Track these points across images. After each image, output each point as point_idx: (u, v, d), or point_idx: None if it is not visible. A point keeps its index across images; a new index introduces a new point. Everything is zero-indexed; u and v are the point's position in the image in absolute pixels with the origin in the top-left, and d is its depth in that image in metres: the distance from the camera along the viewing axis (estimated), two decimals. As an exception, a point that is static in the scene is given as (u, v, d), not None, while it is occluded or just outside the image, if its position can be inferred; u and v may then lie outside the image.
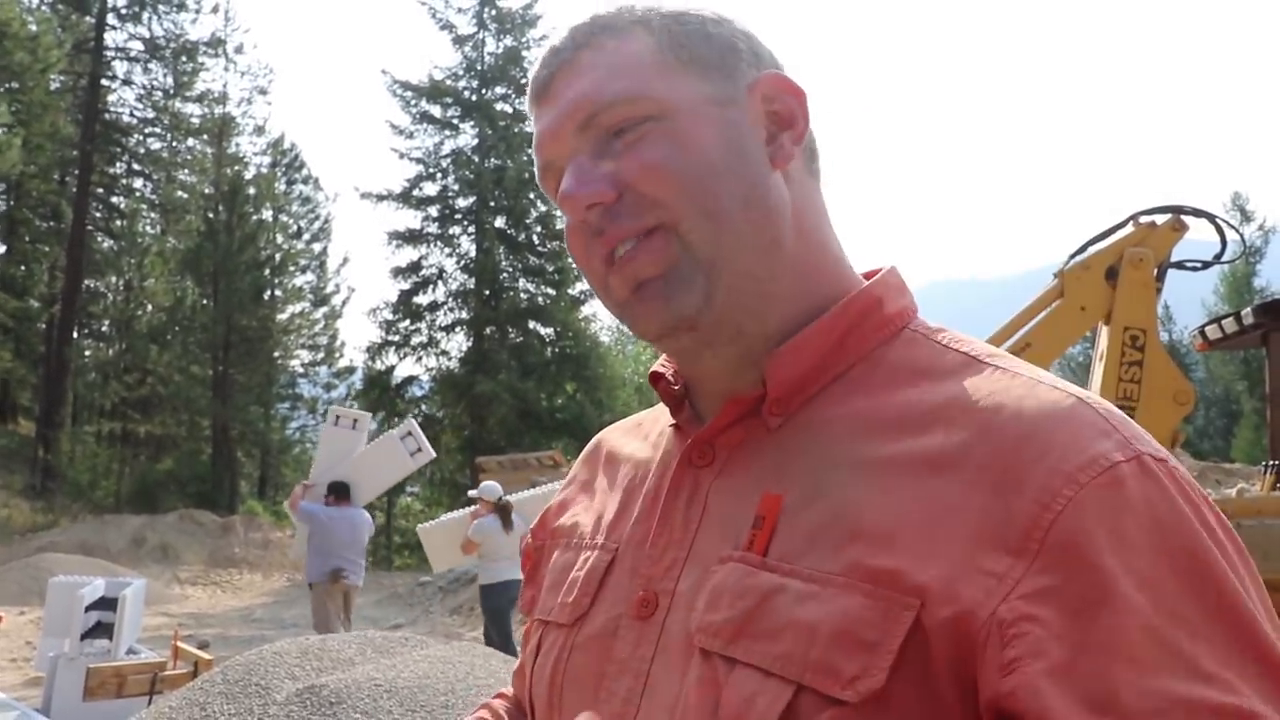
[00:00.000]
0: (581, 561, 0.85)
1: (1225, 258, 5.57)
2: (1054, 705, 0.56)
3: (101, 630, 7.38)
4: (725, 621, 0.68)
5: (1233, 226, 5.54)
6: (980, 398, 0.69)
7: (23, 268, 31.84)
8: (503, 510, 8.64)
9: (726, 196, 0.75)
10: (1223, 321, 6.35)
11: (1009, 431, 0.65)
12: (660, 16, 0.79)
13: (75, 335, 31.29)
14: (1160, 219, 5.61)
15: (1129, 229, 5.65)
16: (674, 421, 0.86)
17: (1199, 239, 5.96)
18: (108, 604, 7.45)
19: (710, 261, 0.75)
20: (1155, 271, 5.53)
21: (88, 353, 34.14)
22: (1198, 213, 5.62)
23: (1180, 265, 5.67)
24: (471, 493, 9.17)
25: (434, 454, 10.06)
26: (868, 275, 0.84)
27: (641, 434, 0.93)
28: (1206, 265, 5.60)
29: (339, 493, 8.77)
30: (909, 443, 0.68)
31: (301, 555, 9.07)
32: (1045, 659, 0.57)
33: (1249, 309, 6.07)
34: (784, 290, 0.78)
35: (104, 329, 35.31)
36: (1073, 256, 5.67)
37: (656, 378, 0.87)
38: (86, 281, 31.68)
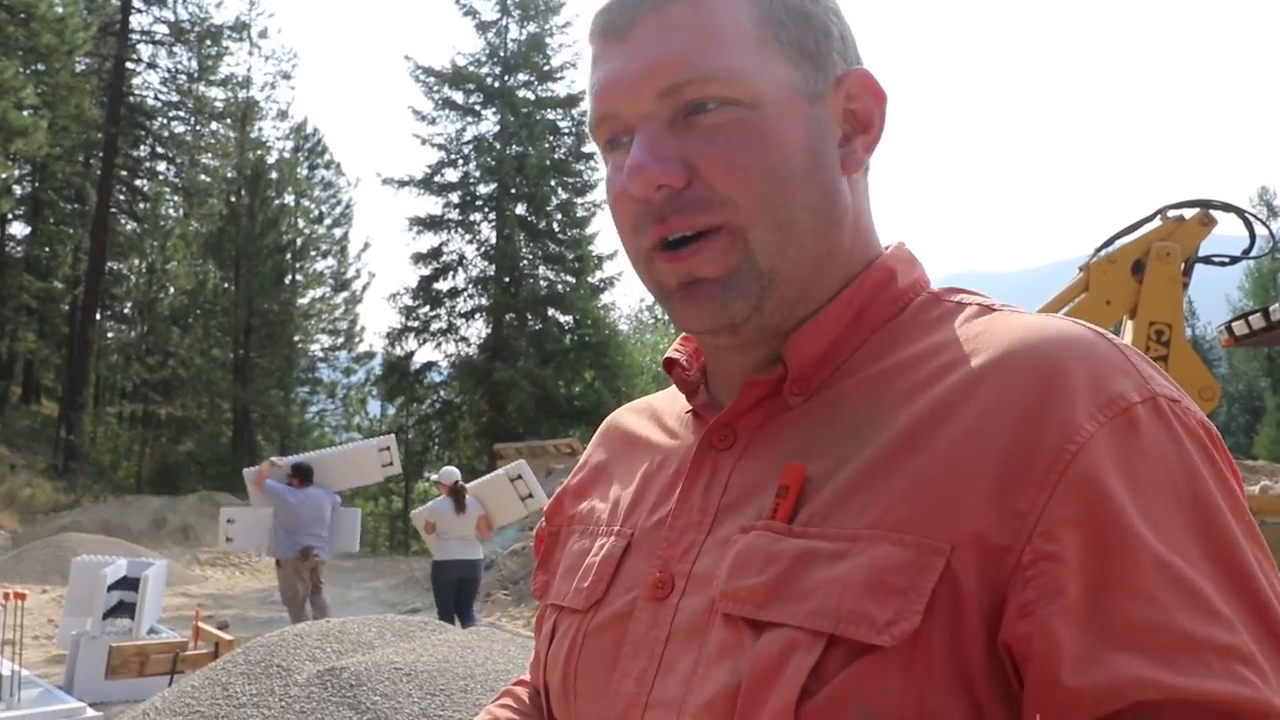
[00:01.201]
0: (597, 548, 0.84)
1: (1254, 253, 5.50)
2: (1068, 644, 0.58)
3: (123, 610, 7.46)
4: (755, 586, 0.67)
5: (1261, 221, 5.47)
6: (996, 335, 0.69)
7: (47, 249, 32.13)
8: (456, 493, 9.02)
9: (799, 207, 0.72)
10: (1250, 317, 6.29)
11: (1030, 364, 0.65)
12: None
13: (98, 317, 31.54)
14: (1188, 213, 5.54)
15: (1156, 223, 5.59)
16: (690, 407, 0.85)
17: (1226, 234, 5.89)
18: (130, 584, 7.52)
19: (771, 272, 0.73)
20: (1182, 266, 5.47)
21: (110, 335, 34.44)
22: (1226, 207, 5.55)
23: (1208, 260, 5.61)
24: (432, 477, 9.54)
25: (400, 470, 10.76)
26: None
27: (656, 417, 0.92)
28: (1235, 260, 5.53)
29: (303, 476, 9.19)
30: (928, 393, 0.68)
31: (251, 544, 9.51)
32: (1060, 599, 0.58)
33: (1277, 305, 6.01)
34: (825, 294, 0.77)
35: (126, 311, 35.60)
36: (1099, 250, 5.62)
37: (671, 363, 0.86)
38: (110, 264, 31.89)
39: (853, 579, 0.63)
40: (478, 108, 31.91)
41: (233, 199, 33.14)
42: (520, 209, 31.28)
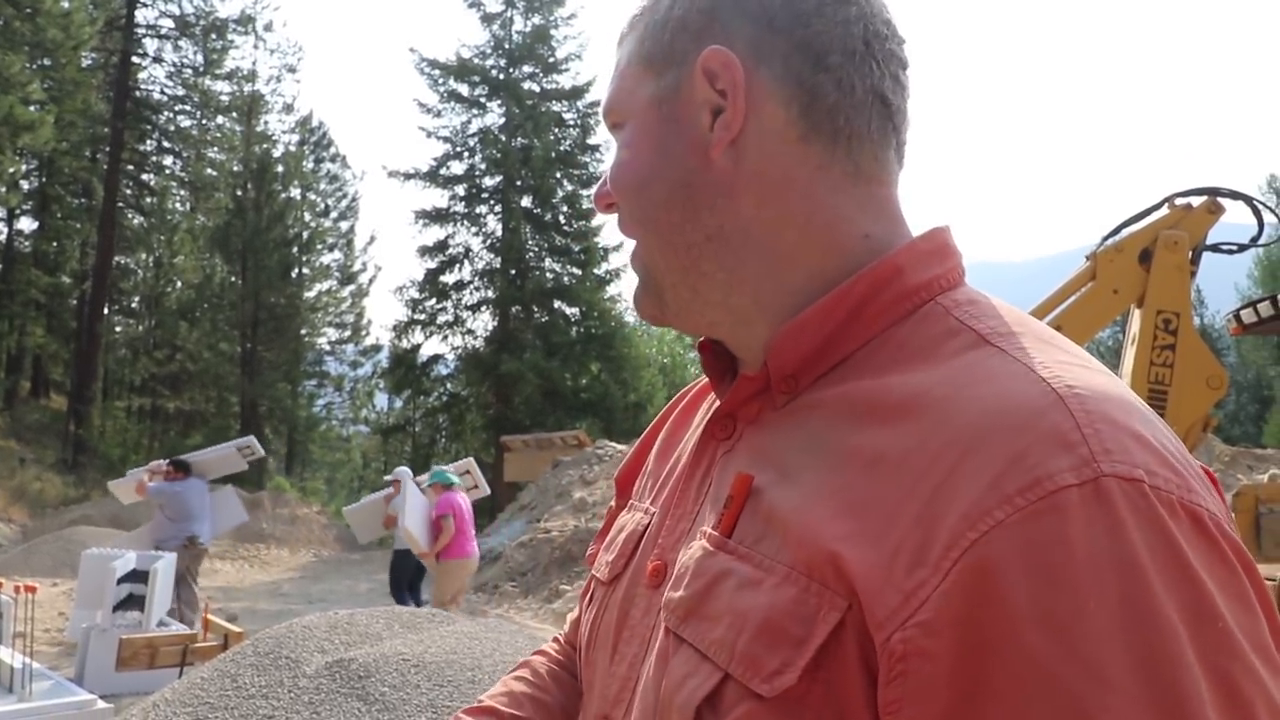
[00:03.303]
0: (630, 523, 0.87)
1: (1261, 241, 5.48)
2: None
3: (133, 602, 7.48)
4: (681, 600, 0.69)
5: (1270, 209, 5.43)
6: (964, 385, 0.62)
7: (55, 244, 32.18)
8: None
9: (649, 203, 0.77)
10: (1258, 305, 6.26)
11: (967, 431, 0.59)
12: (650, 6, 0.79)
13: (106, 311, 31.60)
14: (1196, 201, 5.51)
15: (1164, 211, 5.56)
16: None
17: (1234, 222, 5.86)
18: (139, 577, 7.55)
19: (655, 268, 0.79)
20: (1190, 254, 5.44)
21: (118, 329, 34.53)
22: (1234, 195, 5.51)
23: (1216, 248, 5.58)
24: (387, 476, 10.64)
25: (264, 453, 11.61)
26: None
27: (709, 396, 0.93)
28: (1243, 248, 5.50)
29: (184, 468, 9.71)
30: (877, 432, 0.64)
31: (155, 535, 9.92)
32: (926, 708, 0.54)
33: (1285, 293, 5.97)
34: (774, 271, 0.74)
35: (134, 305, 35.67)
36: (1106, 238, 5.59)
37: (704, 347, 0.85)
38: (117, 258, 31.96)
39: (753, 617, 0.62)
40: (483, 100, 31.86)
41: (239, 193, 33.18)
42: (526, 201, 31.25)
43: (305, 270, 35.03)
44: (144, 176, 33.54)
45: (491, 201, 31.70)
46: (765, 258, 0.74)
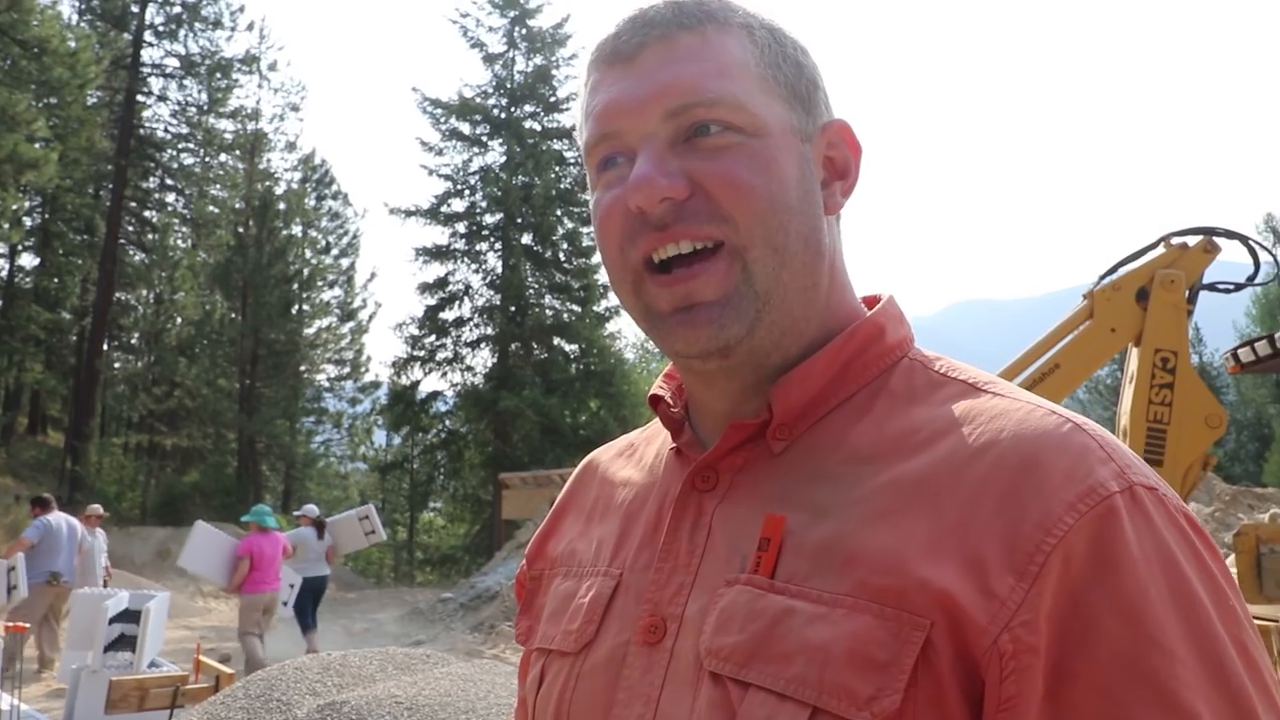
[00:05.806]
0: (584, 589, 0.84)
1: (1258, 280, 5.49)
2: None
3: (124, 643, 7.39)
4: (737, 644, 0.68)
5: (1265, 248, 5.46)
6: (980, 422, 0.70)
7: (56, 280, 32.27)
8: (318, 525, 11.66)
9: (793, 234, 0.75)
10: (1255, 344, 6.25)
11: (1011, 455, 0.66)
12: (763, 29, 0.78)
13: (105, 348, 31.60)
14: (1192, 240, 5.54)
15: (1160, 250, 5.58)
16: (674, 445, 0.85)
17: (1231, 260, 5.87)
18: (131, 616, 7.47)
19: (766, 294, 0.74)
20: (1187, 293, 5.45)
21: (117, 365, 34.52)
22: (1230, 234, 5.53)
23: (1212, 287, 5.59)
24: (296, 513, 12.42)
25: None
26: (867, 301, 0.85)
27: (635, 456, 0.93)
28: (1239, 287, 5.52)
29: (43, 505, 10.29)
30: (910, 463, 0.69)
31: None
32: (1035, 695, 0.60)
33: (1283, 332, 5.96)
34: (810, 329, 0.78)
35: (134, 342, 35.70)
36: (1103, 277, 5.61)
37: (656, 400, 0.87)
38: (118, 294, 32.02)
39: (835, 649, 0.64)
40: (484, 138, 32.10)
41: (240, 230, 33.31)
42: (526, 238, 31.37)
43: (305, 307, 35.07)
44: (146, 213, 33.72)
45: (492, 239, 31.83)
46: (821, 318, 0.80)
